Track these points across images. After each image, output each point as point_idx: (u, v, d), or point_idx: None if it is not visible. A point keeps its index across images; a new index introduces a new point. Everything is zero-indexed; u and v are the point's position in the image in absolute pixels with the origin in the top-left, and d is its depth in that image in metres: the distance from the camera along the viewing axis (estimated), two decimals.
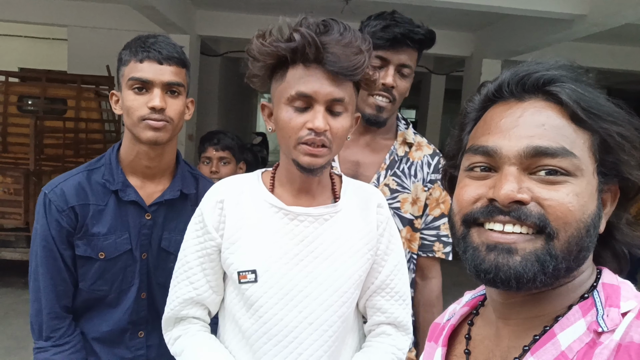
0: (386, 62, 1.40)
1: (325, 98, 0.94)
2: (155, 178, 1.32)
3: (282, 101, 0.96)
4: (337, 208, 1.07)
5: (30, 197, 4.36)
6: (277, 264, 1.01)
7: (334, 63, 0.92)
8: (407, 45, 1.39)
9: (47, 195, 1.24)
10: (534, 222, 0.55)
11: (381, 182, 1.48)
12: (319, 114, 0.94)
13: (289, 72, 0.96)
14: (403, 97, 1.47)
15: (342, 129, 0.97)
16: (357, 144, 1.51)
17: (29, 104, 5.77)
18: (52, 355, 1.25)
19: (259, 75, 1.00)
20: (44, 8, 6.42)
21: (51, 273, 1.24)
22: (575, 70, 0.62)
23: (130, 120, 1.22)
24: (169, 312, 1.10)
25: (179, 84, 1.24)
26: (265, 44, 0.95)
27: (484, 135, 0.62)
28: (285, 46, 0.93)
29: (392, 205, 1.45)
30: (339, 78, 0.94)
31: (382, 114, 1.42)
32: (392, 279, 1.10)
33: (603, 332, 0.54)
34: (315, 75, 0.94)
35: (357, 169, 1.48)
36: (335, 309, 1.03)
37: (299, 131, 0.95)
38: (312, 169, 0.98)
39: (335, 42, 0.93)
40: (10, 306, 4.23)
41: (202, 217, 1.06)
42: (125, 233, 1.27)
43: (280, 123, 0.97)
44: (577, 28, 4.64)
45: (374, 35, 1.37)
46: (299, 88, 0.94)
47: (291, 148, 0.97)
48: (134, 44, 1.23)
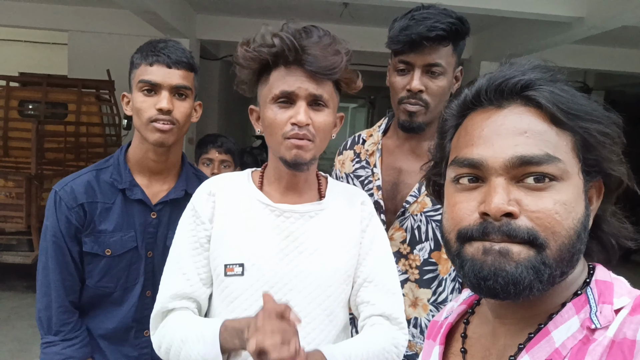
0: (411, 66, 1.33)
1: (306, 93, 1.00)
2: (161, 177, 1.38)
3: (267, 101, 1.03)
4: (322, 206, 1.12)
5: (31, 201, 4.37)
6: (263, 258, 1.05)
7: (312, 63, 0.98)
8: (429, 45, 1.29)
9: (58, 192, 1.29)
10: (524, 237, 0.56)
11: (423, 191, 1.38)
12: (300, 108, 1.00)
13: (272, 74, 1.03)
14: (441, 96, 1.36)
15: (324, 123, 1.03)
16: (402, 150, 1.45)
17: (30, 108, 5.79)
18: (62, 349, 1.27)
19: (247, 81, 1.07)
20: (44, 13, 6.44)
21: (60, 267, 1.29)
22: (551, 70, 0.62)
23: (139, 121, 1.29)
24: (158, 307, 1.08)
25: (186, 87, 1.30)
26: (249, 50, 1.02)
27: (468, 147, 0.61)
28: (267, 50, 1.00)
29: (433, 218, 1.38)
30: (318, 77, 1.00)
31: (415, 119, 1.35)
32: (378, 272, 1.13)
33: (596, 328, 0.55)
34: (295, 74, 1.00)
35: (399, 177, 1.43)
36: (319, 302, 1.06)
37: (283, 126, 1.01)
38: (298, 163, 1.02)
39: (314, 44, 0.99)
40: (12, 309, 4.25)
41: (194, 209, 1.10)
42: (132, 231, 1.32)
43: (266, 121, 1.04)
44: (575, 31, 4.66)
45: (393, 40, 1.33)
46: (281, 87, 1.00)
47: (278, 145, 1.02)
48: (145, 47, 1.29)
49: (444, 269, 1.41)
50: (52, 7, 6.41)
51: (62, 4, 6.34)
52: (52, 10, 6.43)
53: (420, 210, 1.39)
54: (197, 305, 1.11)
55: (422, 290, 1.41)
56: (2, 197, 4.38)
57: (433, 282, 1.42)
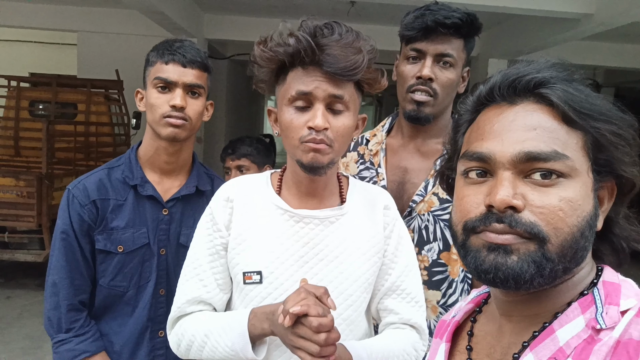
0: (422, 54, 1.32)
1: (324, 94, 0.95)
2: (172, 174, 1.39)
3: (284, 103, 0.98)
4: (343, 210, 1.07)
5: (42, 200, 4.42)
6: (282, 266, 1.02)
7: (331, 64, 0.93)
8: (443, 33, 1.29)
9: (71, 190, 1.32)
10: (525, 229, 0.56)
11: (429, 190, 1.37)
12: (318, 111, 0.95)
13: (289, 74, 0.98)
14: (449, 89, 1.35)
15: (343, 127, 0.98)
16: (406, 149, 1.43)
17: (40, 108, 5.85)
18: (76, 345, 1.29)
19: (266, 80, 1.03)
20: (54, 14, 6.51)
21: (70, 266, 1.30)
22: (567, 70, 0.62)
23: (152, 117, 1.31)
24: (175, 312, 1.09)
25: (199, 86, 1.32)
26: (265, 50, 0.98)
27: (478, 141, 0.62)
28: (283, 50, 0.95)
29: (441, 217, 1.36)
30: (337, 78, 0.95)
31: (423, 108, 1.33)
32: (402, 281, 1.10)
33: (601, 329, 0.55)
34: (313, 75, 0.95)
35: (404, 176, 1.40)
36: (340, 311, 1.03)
37: (300, 130, 0.96)
38: (315, 167, 0.98)
39: (334, 43, 0.94)
40: (24, 307, 4.30)
41: (212, 215, 1.08)
42: (143, 227, 1.34)
43: (283, 124, 0.99)
44: (584, 27, 4.63)
45: (407, 27, 1.32)
46: (297, 87, 0.96)
47: (294, 148, 0.98)
48: (161, 46, 1.32)
49: (454, 270, 1.38)
50: (62, 8, 6.47)
51: (72, 4, 6.40)
52: (61, 11, 6.50)
53: (427, 210, 1.37)
54: (214, 310, 1.10)
55: (431, 292, 1.39)
56: (13, 196, 4.43)
57: (443, 284, 1.39)
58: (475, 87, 0.68)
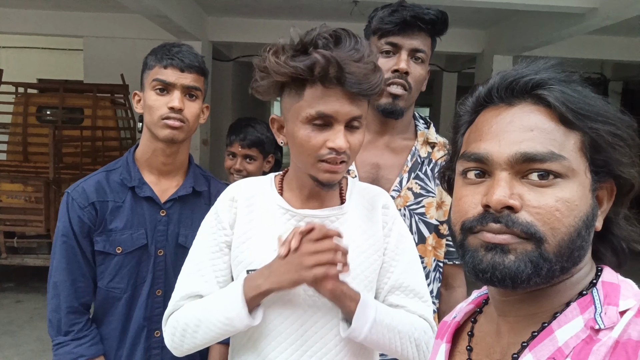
0: (398, 48, 1.34)
1: (346, 117, 0.95)
2: (169, 175, 1.41)
3: (300, 119, 0.96)
4: (343, 210, 1.09)
5: (50, 205, 4.46)
6: None
7: (354, 85, 0.92)
8: (419, 29, 1.32)
9: (70, 194, 1.34)
10: (522, 229, 0.56)
11: (404, 185, 1.40)
12: (339, 133, 0.94)
13: (306, 90, 0.95)
14: (420, 85, 1.39)
15: (359, 144, 1.00)
16: (376, 146, 1.44)
17: (47, 114, 5.90)
18: (73, 348, 1.30)
19: (267, 87, 1.00)
20: (60, 20, 6.57)
21: (71, 268, 1.31)
22: (566, 70, 0.63)
23: (150, 119, 1.33)
24: (171, 306, 1.10)
25: (197, 89, 1.35)
26: (281, 63, 0.93)
27: (476, 142, 0.63)
28: (304, 67, 0.91)
29: (416, 211, 1.40)
30: (358, 97, 0.95)
31: (397, 102, 1.35)
32: (405, 278, 1.11)
33: (600, 329, 0.55)
34: (335, 95, 0.93)
35: (378, 172, 1.42)
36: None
37: (319, 150, 0.96)
38: (329, 185, 1.01)
39: (350, 59, 0.92)
40: (35, 310, 4.37)
41: (217, 214, 1.10)
42: (142, 228, 1.35)
43: (298, 140, 0.98)
44: (589, 22, 4.59)
45: (382, 21, 1.33)
46: (319, 108, 0.93)
47: (310, 165, 0.99)
48: (159, 50, 1.34)
49: (429, 261, 1.41)
50: (68, 14, 6.53)
51: (77, 10, 6.45)
52: (67, 17, 6.56)
53: (403, 205, 1.39)
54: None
55: None
56: (22, 201, 4.48)
57: None
58: (474, 88, 0.68)
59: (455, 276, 1.46)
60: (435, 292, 1.43)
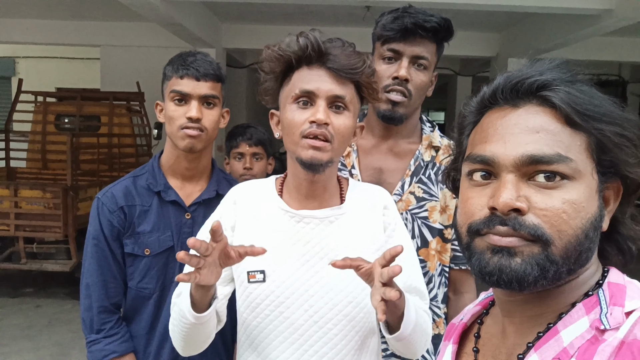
0: (399, 55, 1.34)
1: (327, 94, 1.01)
2: (193, 180, 1.46)
3: (288, 101, 1.04)
4: (342, 210, 1.11)
5: (68, 211, 4.54)
6: (285, 265, 1.06)
7: (334, 62, 1.00)
8: (421, 36, 1.32)
9: (100, 199, 1.40)
10: (529, 232, 0.56)
11: (406, 189, 1.40)
12: (320, 107, 1.00)
13: (294, 75, 1.04)
14: (422, 92, 1.38)
15: (343, 126, 1.02)
16: (379, 150, 1.45)
17: (65, 122, 6.02)
18: (105, 345, 1.36)
19: (270, 88, 1.07)
20: (77, 30, 6.72)
21: (102, 270, 1.37)
22: (572, 70, 0.62)
23: (170, 129, 1.38)
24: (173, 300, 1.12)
25: (214, 97, 1.38)
26: (274, 50, 1.03)
27: (482, 144, 0.62)
28: (290, 48, 1.02)
29: (419, 215, 1.39)
30: (340, 77, 1.01)
31: (397, 108, 1.35)
32: (409, 277, 1.11)
33: (605, 329, 0.55)
34: (317, 74, 1.01)
35: (380, 176, 1.42)
36: (341, 308, 1.05)
37: (301, 125, 1.00)
38: (314, 164, 1.01)
39: (338, 48, 1.01)
40: (53, 315, 4.42)
41: (220, 216, 1.14)
42: (168, 231, 1.40)
43: (285, 122, 1.04)
44: (604, 23, 4.54)
45: (384, 27, 1.34)
46: (302, 86, 1.01)
47: (295, 145, 1.02)
48: (175, 60, 1.38)
49: (432, 265, 1.40)
50: (85, 23, 6.68)
51: (94, 20, 6.58)
52: (84, 27, 6.70)
53: (405, 209, 1.39)
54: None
55: None
56: (41, 208, 4.57)
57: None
58: (479, 88, 0.68)
59: (464, 281, 1.45)
60: (440, 297, 1.42)
